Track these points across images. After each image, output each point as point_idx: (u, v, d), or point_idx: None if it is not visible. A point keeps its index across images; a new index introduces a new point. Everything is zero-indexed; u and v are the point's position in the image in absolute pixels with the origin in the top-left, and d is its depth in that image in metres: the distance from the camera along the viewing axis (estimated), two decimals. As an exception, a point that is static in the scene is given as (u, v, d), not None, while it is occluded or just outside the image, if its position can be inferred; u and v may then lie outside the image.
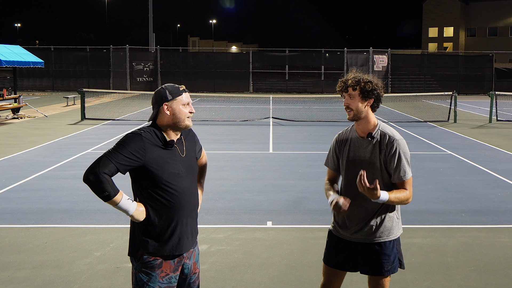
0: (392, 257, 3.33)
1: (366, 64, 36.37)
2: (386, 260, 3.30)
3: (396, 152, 3.19)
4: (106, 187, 2.72)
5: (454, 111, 18.52)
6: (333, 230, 3.43)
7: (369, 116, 3.26)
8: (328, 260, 3.43)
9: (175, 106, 2.94)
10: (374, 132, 3.25)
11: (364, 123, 3.26)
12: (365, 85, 3.22)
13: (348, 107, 3.24)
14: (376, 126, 3.27)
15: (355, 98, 3.22)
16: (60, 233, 6.15)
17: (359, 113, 3.23)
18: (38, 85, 35.95)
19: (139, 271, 2.93)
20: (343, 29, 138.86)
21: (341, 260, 3.37)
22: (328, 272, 3.44)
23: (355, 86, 3.22)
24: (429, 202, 7.62)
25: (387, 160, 3.21)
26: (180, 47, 44.85)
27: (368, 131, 3.26)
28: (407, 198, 3.22)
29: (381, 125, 3.30)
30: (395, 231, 3.37)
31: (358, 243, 3.31)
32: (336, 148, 3.42)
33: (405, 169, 3.20)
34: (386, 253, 3.29)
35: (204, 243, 5.75)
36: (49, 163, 10.27)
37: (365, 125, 3.26)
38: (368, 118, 3.26)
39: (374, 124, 3.27)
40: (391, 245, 3.33)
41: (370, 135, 3.24)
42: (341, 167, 3.39)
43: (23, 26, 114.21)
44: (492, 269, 5.15)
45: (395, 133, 3.28)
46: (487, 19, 70.61)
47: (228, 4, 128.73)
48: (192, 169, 3.05)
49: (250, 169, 9.94)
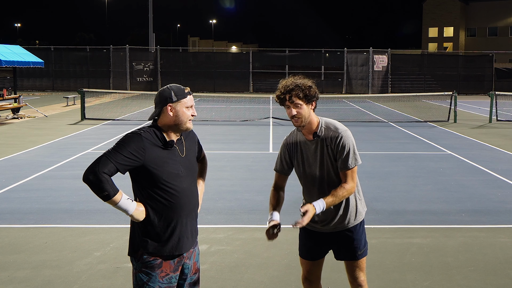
0: (363, 240, 3.48)
1: (366, 64, 36.38)
2: (358, 243, 3.44)
3: (340, 143, 3.26)
4: (105, 187, 2.72)
5: (454, 111, 18.52)
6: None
7: (312, 118, 3.30)
8: (303, 254, 3.57)
9: (178, 108, 2.93)
10: (318, 131, 3.30)
11: (309, 125, 3.30)
12: (308, 91, 3.23)
13: (296, 116, 3.24)
14: (319, 124, 3.32)
15: (302, 106, 3.23)
16: (60, 233, 6.15)
17: (306, 119, 3.27)
18: (38, 85, 35.96)
19: (139, 271, 2.93)
20: (343, 29, 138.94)
21: (316, 252, 3.52)
22: (306, 264, 3.57)
23: (300, 94, 3.21)
24: (429, 202, 7.62)
25: (335, 154, 3.28)
26: (180, 47, 44.88)
27: (313, 131, 3.32)
28: (347, 191, 3.28)
29: (323, 121, 3.35)
30: (361, 212, 3.48)
31: (329, 233, 3.45)
32: (286, 153, 3.47)
33: (348, 159, 3.26)
34: (357, 237, 3.44)
35: (204, 243, 5.75)
36: (49, 163, 10.27)
37: (310, 127, 3.31)
38: (312, 120, 3.30)
39: (317, 123, 3.32)
40: (360, 228, 3.47)
41: (315, 134, 3.31)
42: (297, 170, 3.45)
43: (23, 26, 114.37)
44: (492, 269, 5.15)
45: (338, 125, 3.33)
46: (487, 19, 70.61)
47: (228, 4, 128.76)
48: (192, 169, 3.05)
49: (250, 169, 9.94)
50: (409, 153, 11.93)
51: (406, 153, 11.98)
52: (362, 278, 3.51)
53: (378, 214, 7.00)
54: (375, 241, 5.85)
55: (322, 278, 3.71)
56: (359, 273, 3.50)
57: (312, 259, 3.54)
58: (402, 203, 7.60)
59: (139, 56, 36.98)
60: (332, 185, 3.32)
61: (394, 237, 6.07)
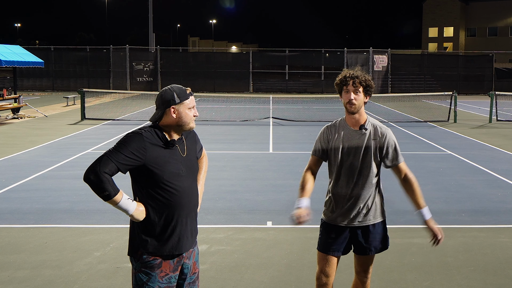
0: (383, 236, 3.60)
1: (366, 64, 36.37)
2: (378, 239, 3.57)
3: (390, 140, 3.50)
4: (106, 187, 2.72)
5: (454, 111, 18.52)
6: (327, 219, 3.61)
7: (363, 110, 3.51)
8: (323, 248, 3.58)
9: (181, 110, 2.93)
10: (366, 124, 3.49)
11: (358, 116, 3.48)
12: (370, 82, 3.47)
13: (353, 101, 3.42)
14: (367, 120, 3.52)
15: (360, 94, 3.44)
16: (60, 233, 6.15)
17: (360, 107, 3.46)
18: (38, 85, 35.95)
19: (139, 271, 2.93)
20: (343, 29, 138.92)
21: (336, 246, 3.55)
22: (324, 259, 3.58)
23: (363, 82, 3.43)
24: (429, 202, 7.55)
25: (380, 148, 3.48)
26: (180, 47, 44.88)
27: (360, 124, 3.49)
28: (416, 181, 3.57)
29: (370, 118, 3.56)
30: (384, 213, 3.62)
31: (352, 227, 3.52)
32: (325, 138, 3.58)
33: (399, 153, 3.55)
34: (379, 232, 3.56)
35: (204, 243, 5.75)
36: (49, 163, 10.27)
37: (359, 119, 3.49)
38: (363, 112, 3.50)
39: (365, 118, 3.52)
40: (381, 225, 3.59)
41: (362, 126, 3.48)
42: (332, 158, 3.54)
43: (23, 26, 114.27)
44: (492, 269, 5.15)
45: (383, 125, 3.58)
46: (487, 19, 70.61)
47: (228, 4, 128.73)
48: (192, 169, 3.05)
49: (250, 169, 9.94)
50: (409, 153, 11.93)
51: (406, 153, 11.97)
52: (371, 271, 3.69)
53: (378, 214, 7.00)
54: (375, 241, 5.85)
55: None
56: (370, 267, 3.66)
57: (332, 253, 3.54)
58: (402, 203, 7.59)
59: (139, 56, 36.98)
60: (367, 178, 3.45)
61: (394, 237, 6.05)
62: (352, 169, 3.45)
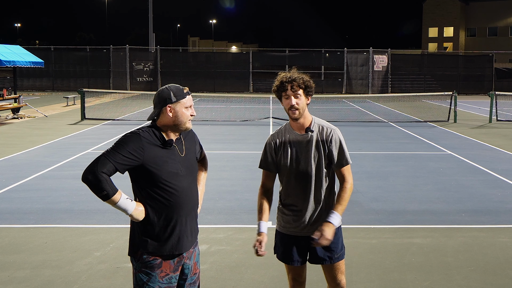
0: (340, 243, 3.43)
1: (366, 64, 36.38)
2: (335, 246, 3.39)
3: (337, 140, 3.32)
4: (104, 187, 2.73)
5: (454, 111, 18.52)
6: (281, 229, 3.50)
7: (307, 112, 3.33)
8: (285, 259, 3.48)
9: (178, 109, 2.93)
10: (312, 126, 3.33)
11: (303, 120, 3.31)
12: (309, 83, 3.29)
13: (295, 106, 3.26)
14: (312, 121, 3.35)
15: (301, 97, 3.27)
16: (60, 233, 6.15)
17: (303, 111, 3.29)
18: (38, 85, 35.95)
19: (139, 271, 2.93)
20: (343, 29, 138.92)
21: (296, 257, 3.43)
22: (289, 268, 3.51)
23: (302, 84, 3.26)
24: (429, 202, 7.61)
25: (328, 150, 3.31)
26: (180, 47, 44.84)
27: (305, 126, 3.32)
28: (350, 189, 3.32)
29: (315, 118, 3.39)
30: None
31: (307, 237, 3.33)
32: (272, 149, 3.41)
33: (346, 156, 3.34)
34: (334, 240, 3.34)
35: (204, 243, 5.75)
36: (49, 163, 10.27)
37: (304, 122, 3.32)
38: (306, 115, 3.33)
39: (310, 120, 3.35)
40: (339, 232, 3.41)
41: (308, 129, 3.32)
42: (282, 168, 3.40)
43: (23, 26, 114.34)
44: (492, 269, 5.15)
45: (330, 124, 3.41)
46: (487, 19, 70.60)
47: (228, 4, 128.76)
48: (191, 169, 3.05)
49: (250, 169, 9.94)
50: (409, 153, 11.93)
51: (406, 153, 11.98)
52: (343, 281, 3.49)
53: (378, 214, 7.00)
54: (375, 241, 5.85)
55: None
56: (341, 276, 3.47)
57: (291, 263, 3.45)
58: (402, 203, 7.60)
59: (139, 56, 36.99)
60: (321, 182, 3.32)
61: (394, 237, 6.07)
62: (309, 175, 3.30)
